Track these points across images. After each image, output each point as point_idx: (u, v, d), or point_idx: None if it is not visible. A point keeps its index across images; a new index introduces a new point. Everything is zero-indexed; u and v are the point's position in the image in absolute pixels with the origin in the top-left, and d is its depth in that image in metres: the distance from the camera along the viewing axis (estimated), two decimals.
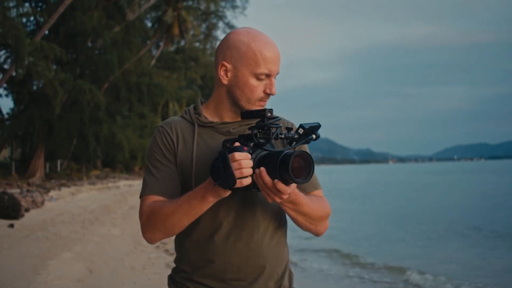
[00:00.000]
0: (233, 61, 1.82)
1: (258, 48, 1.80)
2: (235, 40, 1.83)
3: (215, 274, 1.85)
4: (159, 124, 1.96)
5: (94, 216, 13.92)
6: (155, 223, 1.79)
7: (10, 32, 15.37)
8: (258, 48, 1.80)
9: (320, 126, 1.73)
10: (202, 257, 1.86)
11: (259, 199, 1.85)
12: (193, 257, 1.88)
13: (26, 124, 24.66)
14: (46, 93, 21.56)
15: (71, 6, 23.39)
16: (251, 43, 1.81)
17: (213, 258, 1.84)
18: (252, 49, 1.80)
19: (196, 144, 1.87)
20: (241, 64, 1.81)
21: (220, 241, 1.84)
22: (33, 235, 9.63)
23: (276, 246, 1.91)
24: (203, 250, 1.86)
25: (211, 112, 1.93)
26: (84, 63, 28.43)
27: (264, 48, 1.81)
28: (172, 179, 1.86)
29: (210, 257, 1.84)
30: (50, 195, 17.14)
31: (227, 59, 1.83)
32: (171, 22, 35.70)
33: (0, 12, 15.01)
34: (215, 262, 1.84)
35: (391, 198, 35.47)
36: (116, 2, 27.68)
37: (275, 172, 1.59)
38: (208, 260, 1.85)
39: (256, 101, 1.83)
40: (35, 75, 19.62)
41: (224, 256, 1.83)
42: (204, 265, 1.86)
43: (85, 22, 24.59)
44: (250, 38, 1.82)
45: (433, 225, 19.53)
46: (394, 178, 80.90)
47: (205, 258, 1.85)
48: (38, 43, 18.10)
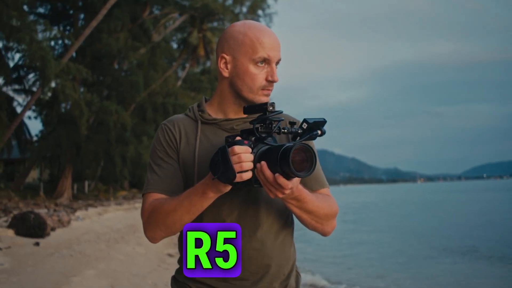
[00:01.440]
0: (232, 51, 1.79)
1: (254, 34, 1.77)
2: (232, 31, 1.81)
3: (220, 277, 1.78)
4: (162, 122, 1.92)
5: (120, 235, 13.95)
6: (156, 221, 1.75)
7: (37, 54, 15.66)
8: (254, 34, 1.77)
9: (326, 122, 1.67)
10: None
11: (263, 197, 1.80)
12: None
13: (54, 146, 24.99)
14: (73, 114, 21.85)
15: (97, 29, 23.80)
16: (247, 31, 1.78)
17: None
18: (249, 36, 1.77)
19: (198, 141, 1.83)
20: (239, 53, 1.78)
21: None
22: (58, 253, 9.66)
23: (281, 245, 1.85)
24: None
25: (215, 108, 1.89)
26: (110, 85, 28.78)
27: (261, 34, 1.78)
28: (175, 177, 1.82)
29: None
30: (77, 215, 17.25)
31: (225, 51, 1.81)
32: (196, 43, 35.98)
33: (27, 34, 15.29)
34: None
35: (422, 216, 34.96)
36: (142, 24, 28.11)
37: (276, 166, 1.54)
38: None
39: (259, 89, 1.79)
40: (62, 96, 19.91)
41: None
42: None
43: (111, 44, 24.98)
44: (246, 27, 1.80)
45: (460, 242, 19.14)
46: (421, 198, 79.81)
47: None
48: (65, 64, 18.39)
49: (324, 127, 1.68)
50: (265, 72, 1.78)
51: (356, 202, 66.43)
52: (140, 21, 28.05)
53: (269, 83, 1.79)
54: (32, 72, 25.91)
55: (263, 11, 36.43)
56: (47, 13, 28.46)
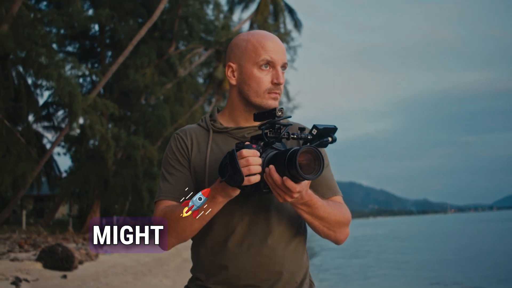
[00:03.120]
0: (237, 59, 1.84)
1: (256, 39, 1.81)
2: (237, 40, 1.87)
3: (229, 280, 1.80)
4: (175, 132, 1.96)
5: (147, 268, 13.92)
6: (167, 228, 1.75)
7: (65, 89, 15.98)
8: (256, 39, 1.81)
9: (337, 129, 1.67)
10: (216, 264, 1.82)
11: (274, 204, 1.80)
12: (207, 264, 1.84)
13: (82, 181, 25.24)
14: (100, 149, 22.12)
15: (124, 65, 24.22)
16: (250, 38, 1.83)
17: (227, 264, 1.79)
18: (251, 41, 1.82)
19: (209, 149, 1.85)
20: (244, 59, 1.82)
21: (233, 247, 1.79)
22: (85, 285, 9.67)
23: (293, 253, 1.84)
24: (216, 256, 1.81)
25: (226, 118, 1.92)
26: (137, 120, 29.13)
27: (263, 39, 1.81)
28: (186, 184, 1.83)
29: (223, 263, 1.80)
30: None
31: (232, 59, 1.86)
32: (222, 77, 36.33)
33: (56, 70, 15.63)
34: (228, 268, 1.79)
35: (455, 245, 34.29)
36: (168, 59, 28.51)
37: (284, 169, 1.54)
38: (221, 266, 1.80)
39: (265, 93, 1.81)
40: (89, 132, 20.18)
41: (238, 262, 1.78)
42: (218, 271, 1.81)
43: (138, 79, 25.34)
44: (250, 34, 1.84)
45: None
46: (451, 228, 78.39)
47: (219, 264, 1.81)
48: (92, 99, 18.70)
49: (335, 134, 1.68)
50: (270, 75, 1.81)
51: (382, 234, 65.49)
52: (166, 57, 28.47)
53: (275, 86, 1.81)
54: (61, 109, 26.41)
55: (288, 44, 36.69)
56: (76, 51, 29.11)
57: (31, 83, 19.67)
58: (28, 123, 22.31)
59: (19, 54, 15.86)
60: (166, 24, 28.69)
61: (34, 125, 24.59)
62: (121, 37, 25.87)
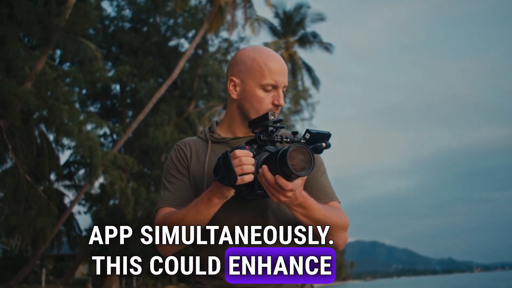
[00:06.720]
0: (241, 75, 1.87)
1: (263, 60, 1.85)
2: (242, 55, 1.90)
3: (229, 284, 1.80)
4: (175, 144, 2.02)
5: None
6: None
7: (85, 144, 16.20)
8: (263, 60, 1.85)
9: (331, 135, 1.69)
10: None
11: (272, 208, 1.82)
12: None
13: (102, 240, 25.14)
14: (120, 204, 22.17)
15: (144, 123, 24.56)
16: (256, 56, 1.86)
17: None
18: (258, 61, 1.85)
19: (208, 158, 1.91)
20: (248, 77, 1.86)
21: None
22: None
23: None
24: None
25: (225, 129, 1.98)
26: (157, 177, 29.26)
27: (269, 60, 1.85)
28: (185, 191, 1.89)
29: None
30: None
31: (235, 74, 1.89)
32: None
33: (76, 126, 15.88)
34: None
35: None
36: (187, 117, 28.85)
37: (276, 168, 1.58)
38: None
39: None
40: (109, 187, 20.29)
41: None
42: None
43: (158, 137, 25.61)
44: (256, 52, 1.87)
45: None
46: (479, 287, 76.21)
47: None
48: (112, 154, 18.89)
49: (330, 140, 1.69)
50: (272, 96, 1.87)
51: None
52: (186, 115, 28.85)
53: (275, 107, 1.87)
54: (82, 168, 26.68)
55: (305, 101, 36.99)
56: (97, 111, 29.64)
57: (52, 139, 19.98)
58: (49, 181, 22.52)
59: (42, 111, 16.18)
60: (185, 83, 29.26)
61: (56, 183, 24.81)
62: (141, 95, 26.34)
